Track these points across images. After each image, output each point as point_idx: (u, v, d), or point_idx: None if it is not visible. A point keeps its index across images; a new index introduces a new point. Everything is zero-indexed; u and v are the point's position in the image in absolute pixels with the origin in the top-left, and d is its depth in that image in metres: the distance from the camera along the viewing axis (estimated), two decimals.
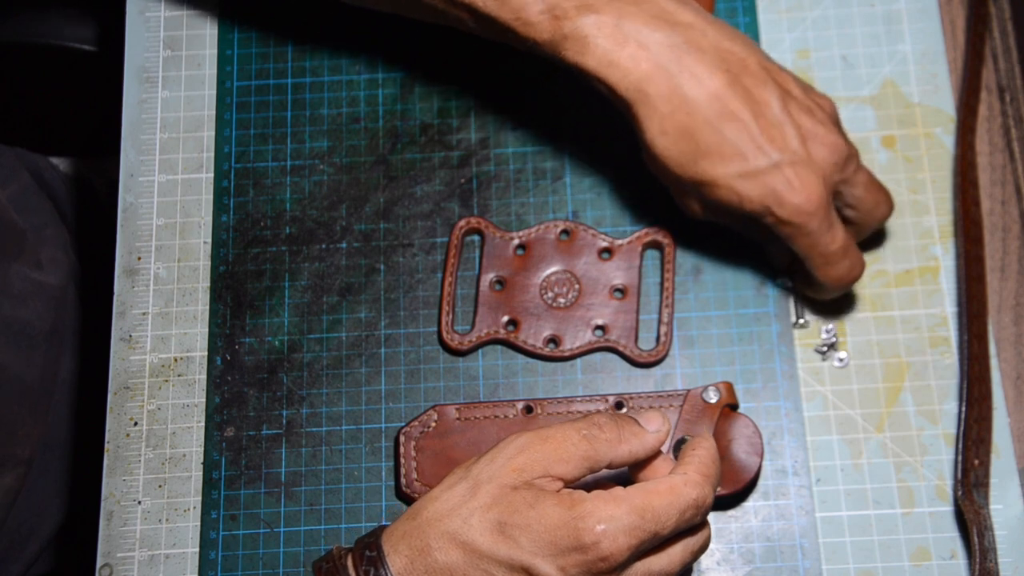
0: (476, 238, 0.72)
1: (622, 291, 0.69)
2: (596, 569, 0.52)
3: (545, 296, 0.69)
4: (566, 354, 0.69)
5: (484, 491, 0.53)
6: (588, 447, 0.54)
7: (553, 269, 0.70)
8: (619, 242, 0.70)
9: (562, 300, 0.69)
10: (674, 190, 0.66)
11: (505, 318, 0.69)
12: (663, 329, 0.69)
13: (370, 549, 0.54)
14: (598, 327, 0.69)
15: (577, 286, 0.69)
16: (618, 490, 0.54)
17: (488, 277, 0.70)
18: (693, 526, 0.55)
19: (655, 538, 0.53)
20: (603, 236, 0.70)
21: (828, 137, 0.62)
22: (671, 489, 0.53)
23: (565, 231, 0.71)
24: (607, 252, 0.70)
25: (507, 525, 0.52)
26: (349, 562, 0.55)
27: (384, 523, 0.60)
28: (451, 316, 0.70)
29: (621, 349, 0.68)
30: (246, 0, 0.77)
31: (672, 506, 0.53)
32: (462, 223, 0.71)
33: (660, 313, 0.69)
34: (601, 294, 0.69)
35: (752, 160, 0.61)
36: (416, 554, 0.53)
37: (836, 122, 0.65)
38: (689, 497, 0.53)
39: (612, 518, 0.52)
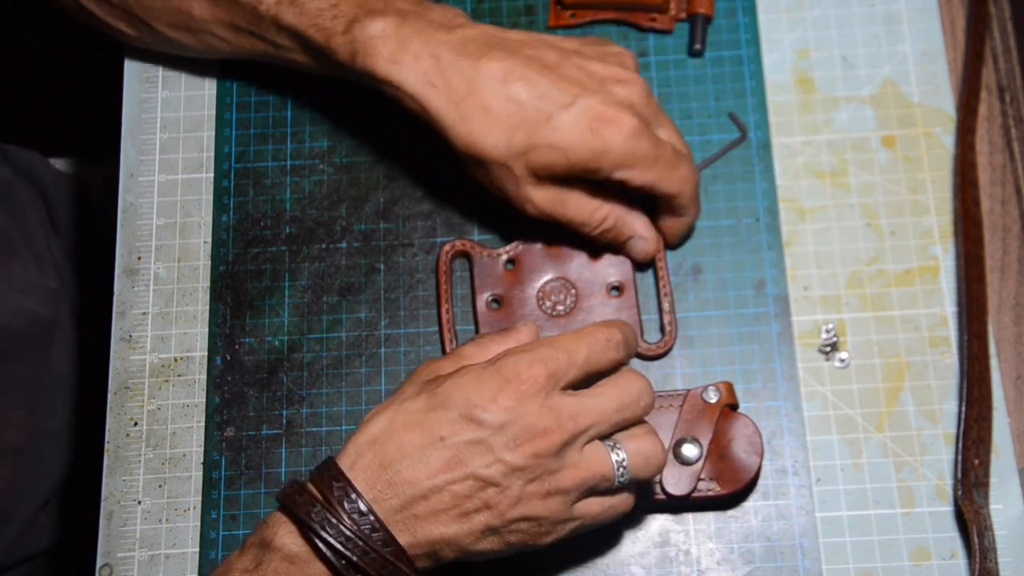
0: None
1: (619, 288, 0.69)
2: (526, 392, 0.55)
3: (544, 306, 0.69)
4: None
5: (409, 390, 0.57)
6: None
7: (547, 278, 0.69)
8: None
9: (561, 308, 0.69)
10: (501, 182, 0.65)
11: None
12: (666, 318, 0.68)
13: (329, 469, 0.56)
14: None
15: (574, 291, 0.69)
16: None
17: (483, 297, 0.69)
18: (617, 368, 0.59)
19: (570, 367, 0.56)
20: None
21: (625, 75, 0.64)
22: (577, 331, 0.58)
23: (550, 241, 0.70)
24: (596, 251, 0.69)
25: (436, 394, 0.56)
26: (311, 487, 0.56)
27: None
28: (454, 344, 0.69)
29: None
30: None
31: (579, 339, 0.57)
32: (447, 247, 0.70)
33: (660, 302, 0.69)
34: (599, 295, 0.69)
35: (557, 108, 0.62)
36: (375, 459, 0.55)
37: (634, 69, 0.66)
38: (596, 333, 0.58)
39: (523, 351, 0.56)
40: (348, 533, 0.53)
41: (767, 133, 0.73)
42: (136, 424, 0.69)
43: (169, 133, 0.75)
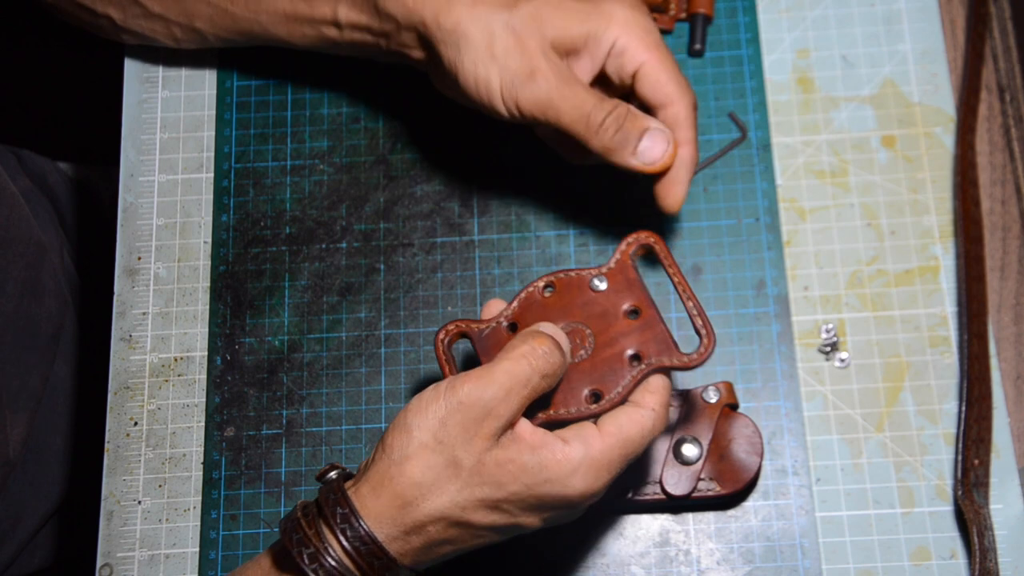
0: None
1: (636, 311, 0.60)
2: (581, 509, 0.58)
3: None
4: (616, 399, 0.59)
5: (466, 472, 0.54)
6: (539, 386, 0.56)
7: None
8: (604, 268, 0.61)
9: (583, 352, 0.60)
10: (505, 54, 0.64)
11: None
12: (698, 322, 0.59)
13: (362, 541, 0.54)
14: (633, 357, 0.59)
15: (589, 331, 0.60)
16: (593, 438, 0.56)
17: None
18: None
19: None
20: (586, 270, 0.61)
21: None
22: (642, 431, 0.57)
23: (549, 285, 0.61)
24: (599, 280, 0.61)
25: (499, 501, 0.55)
26: (334, 543, 0.54)
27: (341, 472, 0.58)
28: None
29: (668, 364, 0.59)
30: None
31: (642, 443, 0.57)
32: (442, 335, 0.61)
33: (686, 308, 0.60)
34: (617, 325, 0.60)
35: None
36: (412, 535, 0.55)
37: None
38: (656, 430, 0.58)
39: (593, 474, 0.55)
40: (332, 563, 0.53)
41: (767, 133, 0.73)
42: (136, 424, 0.69)
43: (169, 133, 0.75)
